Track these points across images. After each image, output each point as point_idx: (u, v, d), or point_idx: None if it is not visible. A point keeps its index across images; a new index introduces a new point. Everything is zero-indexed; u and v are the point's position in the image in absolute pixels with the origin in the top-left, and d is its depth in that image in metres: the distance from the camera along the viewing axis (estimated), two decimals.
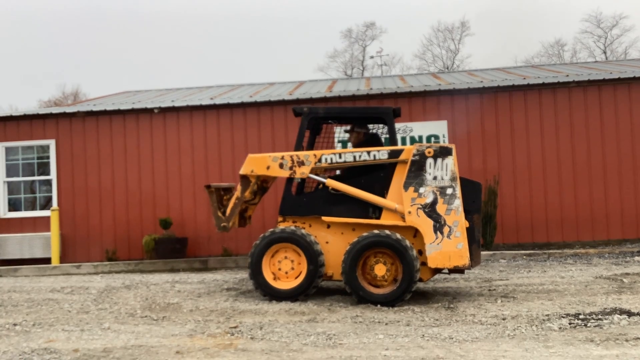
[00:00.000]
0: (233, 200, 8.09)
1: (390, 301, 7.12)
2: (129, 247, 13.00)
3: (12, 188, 13.42)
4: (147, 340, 5.67)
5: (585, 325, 5.85)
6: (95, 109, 13.56)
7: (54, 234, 12.41)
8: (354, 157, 7.60)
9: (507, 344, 5.26)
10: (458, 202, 7.21)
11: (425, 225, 7.22)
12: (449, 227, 7.15)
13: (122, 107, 13.45)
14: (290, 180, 7.92)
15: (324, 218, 7.65)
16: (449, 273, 7.98)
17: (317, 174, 7.81)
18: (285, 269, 7.58)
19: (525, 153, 12.66)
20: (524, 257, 11.14)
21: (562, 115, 12.68)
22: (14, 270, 11.81)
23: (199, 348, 5.35)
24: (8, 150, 13.39)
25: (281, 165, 7.76)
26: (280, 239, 7.54)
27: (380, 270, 7.23)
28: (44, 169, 13.40)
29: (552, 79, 13.28)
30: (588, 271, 9.24)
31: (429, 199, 7.24)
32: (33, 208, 13.42)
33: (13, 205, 13.41)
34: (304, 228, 7.69)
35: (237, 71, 66.42)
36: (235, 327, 6.13)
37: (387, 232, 7.21)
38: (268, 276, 7.57)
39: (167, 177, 13.11)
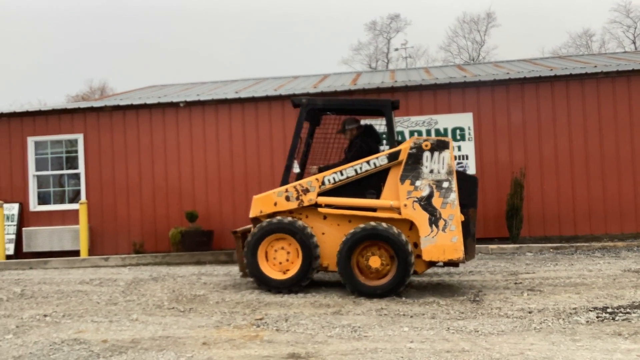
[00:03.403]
0: None
1: (384, 293, 7.17)
2: (156, 240, 13.14)
3: (41, 182, 13.65)
4: (174, 332, 5.75)
5: (613, 318, 5.78)
6: (122, 103, 13.72)
7: (82, 226, 12.61)
8: (355, 170, 7.59)
9: (533, 338, 5.23)
10: (454, 196, 7.21)
11: (420, 218, 7.23)
12: (444, 220, 7.16)
13: (149, 102, 13.58)
14: (287, 169, 8.02)
15: (320, 210, 7.69)
16: (443, 266, 7.97)
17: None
18: (280, 259, 7.67)
19: (553, 145, 12.50)
20: (551, 250, 11.03)
21: (590, 107, 12.49)
22: (44, 263, 12.04)
23: (225, 339, 5.41)
24: (37, 145, 13.61)
25: (287, 198, 7.78)
26: (276, 230, 7.60)
27: (375, 262, 7.28)
28: (72, 162, 13.60)
29: (579, 70, 13.08)
30: (616, 264, 9.11)
31: (425, 192, 7.26)
32: (62, 201, 13.64)
33: (42, 199, 13.65)
34: (301, 219, 7.73)
35: (261, 65, 66.59)
36: (260, 319, 6.18)
37: (383, 224, 7.25)
38: (264, 266, 7.67)
39: (192, 171, 13.21)
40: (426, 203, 7.23)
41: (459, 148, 12.55)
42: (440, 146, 7.32)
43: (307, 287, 7.61)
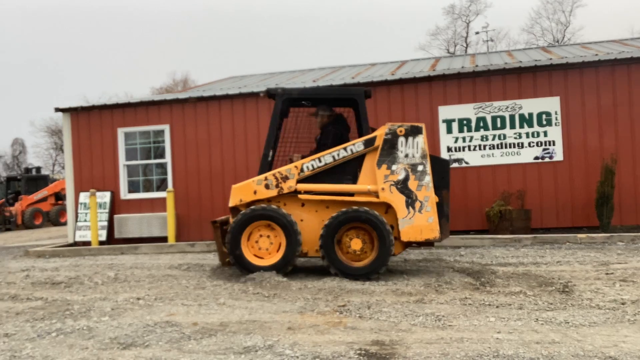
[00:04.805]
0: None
1: (366, 274, 7.49)
2: None
3: (130, 171, 14.23)
4: (260, 316, 5.89)
5: None
6: (205, 94, 14.09)
7: (169, 214, 13.07)
8: (333, 157, 7.84)
9: (627, 330, 5.02)
10: (428, 178, 7.53)
11: (398, 200, 7.55)
12: (420, 202, 7.50)
13: (230, 92, 13.88)
14: (265, 158, 8.19)
15: (300, 196, 7.89)
16: (418, 246, 8.22)
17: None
18: (263, 246, 7.91)
19: None
20: None
21: None
22: (135, 248, 12.59)
23: (309, 325, 5.49)
24: (127, 136, 14.20)
25: (267, 186, 7.99)
26: (259, 217, 7.83)
27: (356, 244, 7.61)
28: (157, 152, 14.10)
29: None
30: None
31: (401, 176, 7.58)
32: (149, 190, 14.18)
33: (131, 187, 14.24)
34: (279, 207, 7.92)
35: (337, 52, 66.60)
36: (343, 306, 6.22)
37: (366, 208, 7.53)
38: (246, 252, 7.90)
39: None
40: (402, 186, 7.56)
41: (545, 133, 12.13)
42: (414, 131, 7.65)
43: (387, 275, 7.62)
